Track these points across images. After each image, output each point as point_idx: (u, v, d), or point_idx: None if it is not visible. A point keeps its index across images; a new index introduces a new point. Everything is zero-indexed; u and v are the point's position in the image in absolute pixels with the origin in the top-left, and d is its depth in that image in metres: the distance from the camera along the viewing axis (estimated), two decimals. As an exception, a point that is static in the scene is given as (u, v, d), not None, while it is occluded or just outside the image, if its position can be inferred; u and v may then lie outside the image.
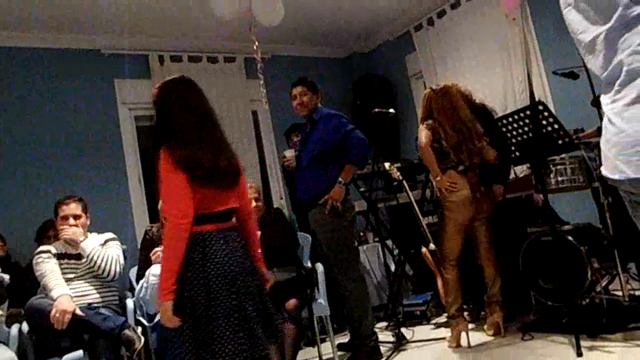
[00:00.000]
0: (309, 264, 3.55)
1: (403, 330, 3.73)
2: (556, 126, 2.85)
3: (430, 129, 3.25)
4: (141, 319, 3.01)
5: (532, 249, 3.23)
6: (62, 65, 4.63)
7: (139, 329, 2.87)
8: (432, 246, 3.43)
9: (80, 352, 2.76)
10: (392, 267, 4.54)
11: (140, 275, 3.13)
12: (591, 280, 2.97)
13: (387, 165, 3.89)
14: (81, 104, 4.64)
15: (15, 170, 4.26)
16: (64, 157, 4.47)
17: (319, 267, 3.43)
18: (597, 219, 3.28)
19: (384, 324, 4.14)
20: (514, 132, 3.03)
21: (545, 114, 2.86)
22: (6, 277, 2.97)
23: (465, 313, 3.48)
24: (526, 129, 2.95)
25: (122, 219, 4.55)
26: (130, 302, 3.09)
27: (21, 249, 3.90)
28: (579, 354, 2.58)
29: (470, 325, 3.46)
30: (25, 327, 2.83)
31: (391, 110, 3.94)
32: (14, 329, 2.81)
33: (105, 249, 3.12)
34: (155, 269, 2.99)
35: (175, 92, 2.07)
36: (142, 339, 2.78)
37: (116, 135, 4.79)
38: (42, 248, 3.08)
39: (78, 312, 2.72)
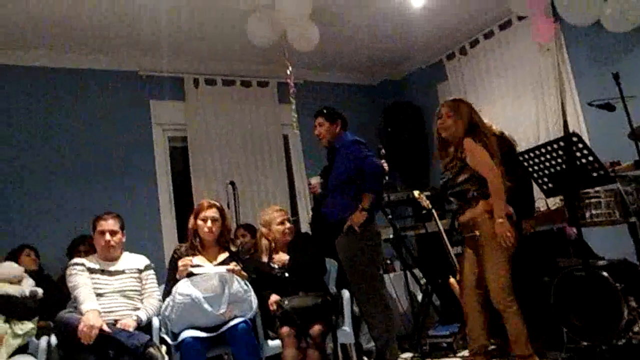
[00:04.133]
0: (335, 290, 3.51)
1: (428, 362, 3.64)
2: (591, 158, 2.79)
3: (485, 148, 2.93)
4: (165, 337, 3.02)
5: (565, 284, 3.13)
6: (100, 86, 4.78)
7: (163, 348, 2.88)
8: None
9: (105, 368, 2.77)
10: (419, 297, 4.45)
11: (166, 293, 3.15)
12: (628, 319, 2.86)
13: (416, 193, 3.86)
14: (116, 124, 4.77)
15: (49, 187, 4.39)
16: (97, 175, 4.59)
17: (345, 293, 3.39)
18: (635, 255, 3.17)
19: (409, 354, 4.05)
20: (547, 164, 2.97)
21: (580, 145, 2.80)
22: (40, 291, 3.03)
23: (492, 347, 3.36)
24: (559, 160, 2.89)
25: (151, 237, 4.62)
26: (155, 320, 3.10)
27: (53, 262, 4.00)
28: (614, 396, 2.47)
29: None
30: (54, 339, 2.86)
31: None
32: (43, 341, 2.85)
33: (153, 302, 3.16)
34: (181, 287, 3.01)
35: None
36: (166, 357, 2.79)
37: (149, 154, 4.90)
38: (76, 260, 3.13)
39: (105, 327, 2.75)
